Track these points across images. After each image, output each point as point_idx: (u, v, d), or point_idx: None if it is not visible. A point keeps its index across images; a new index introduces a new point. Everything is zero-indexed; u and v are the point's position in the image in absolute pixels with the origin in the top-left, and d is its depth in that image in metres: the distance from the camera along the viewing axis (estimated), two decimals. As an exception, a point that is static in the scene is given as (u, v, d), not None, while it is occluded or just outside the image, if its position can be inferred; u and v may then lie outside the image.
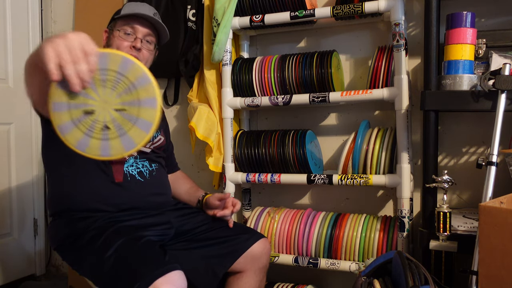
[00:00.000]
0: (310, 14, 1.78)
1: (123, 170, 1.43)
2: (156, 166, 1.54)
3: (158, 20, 1.52)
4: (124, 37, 1.46)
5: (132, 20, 1.48)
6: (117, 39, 1.47)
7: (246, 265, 1.49)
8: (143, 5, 1.55)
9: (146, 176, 1.48)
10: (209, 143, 1.95)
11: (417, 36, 1.86)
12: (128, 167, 1.46)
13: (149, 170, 1.51)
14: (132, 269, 1.20)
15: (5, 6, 2.34)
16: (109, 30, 1.53)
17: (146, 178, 1.48)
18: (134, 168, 1.47)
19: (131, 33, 1.48)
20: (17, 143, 2.39)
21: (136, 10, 1.49)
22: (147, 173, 1.49)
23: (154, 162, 1.54)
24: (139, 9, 1.50)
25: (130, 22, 1.48)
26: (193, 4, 2.09)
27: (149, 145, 1.53)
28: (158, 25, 1.53)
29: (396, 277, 1.28)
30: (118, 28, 1.48)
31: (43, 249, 2.54)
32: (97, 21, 2.39)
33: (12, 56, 2.38)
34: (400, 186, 1.68)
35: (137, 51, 1.46)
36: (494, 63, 1.58)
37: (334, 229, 1.77)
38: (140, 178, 1.47)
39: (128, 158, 1.46)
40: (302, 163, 1.80)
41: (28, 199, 2.46)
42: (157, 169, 1.54)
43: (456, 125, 1.84)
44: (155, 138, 1.56)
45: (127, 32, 1.47)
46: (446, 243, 1.47)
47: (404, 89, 1.67)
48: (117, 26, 1.49)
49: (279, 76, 1.84)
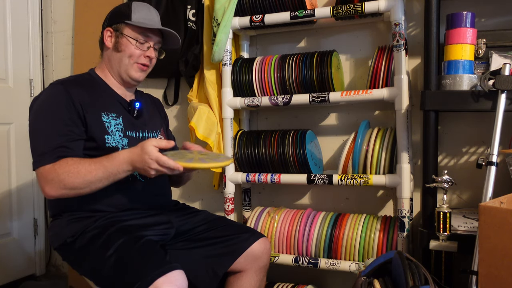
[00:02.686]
0: (310, 14, 1.78)
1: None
2: None
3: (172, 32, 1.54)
4: (139, 46, 1.48)
5: (145, 29, 1.49)
6: (130, 47, 1.48)
7: (246, 265, 1.49)
8: (150, 11, 1.53)
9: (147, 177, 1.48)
10: (209, 143, 1.95)
11: (417, 36, 1.86)
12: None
13: None
14: (133, 269, 1.20)
15: (5, 6, 2.34)
16: (115, 32, 1.49)
17: (147, 178, 1.48)
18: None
19: (144, 42, 1.50)
20: (17, 143, 2.39)
21: (149, 20, 1.50)
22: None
23: None
24: (151, 18, 1.51)
25: (143, 31, 1.49)
26: (193, 4, 2.09)
27: None
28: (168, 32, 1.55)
29: (396, 277, 1.28)
30: (131, 36, 1.48)
31: (43, 249, 2.54)
32: (97, 21, 2.37)
33: (12, 56, 2.38)
34: (400, 186, 1.68)
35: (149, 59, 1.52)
36: (494, 63, 1.58)
37: (334, 229, 1.77)
38: (141, 179, 1.47)
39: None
40: (302, 163, 1.80)
41: (28, 199, 2.46)
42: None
43: (456, 125, 1.84)
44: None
45: (141, 41, 1.49)
46: (446, 243, 1.47)
47: (404, 89, 1.67)
48: (128, 32, 1.48)
49: (279, 76, 1.84)
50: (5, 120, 2.35)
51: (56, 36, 2.59)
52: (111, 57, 1.51)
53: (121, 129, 1.46)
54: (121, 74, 1.51)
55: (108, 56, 1.52)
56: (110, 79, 1.53)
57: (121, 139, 1.44)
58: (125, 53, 1.48)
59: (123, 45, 1.48)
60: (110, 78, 1.53)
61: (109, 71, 1.53)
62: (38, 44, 2.52)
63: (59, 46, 2.58)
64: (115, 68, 1.51)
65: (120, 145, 1.44)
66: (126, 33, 1.48)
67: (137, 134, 1.51)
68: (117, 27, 1.49)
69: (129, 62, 1.49)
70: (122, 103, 1.52)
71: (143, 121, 1.55)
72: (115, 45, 1.49)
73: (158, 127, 1.62)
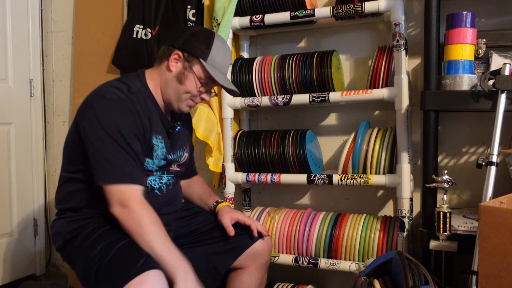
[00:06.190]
0: (310, 14, 1.78)
1: (146, 182, 1.40)
2: (174, 180, 1.52)
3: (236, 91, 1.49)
4: (200, 88, 1.41)
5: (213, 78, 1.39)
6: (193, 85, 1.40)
7: (247, 262, 1.49)
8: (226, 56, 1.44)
9: (164, 191, 1.46)
10: (209, 143, 1.95)
11: (417, 36, 1.86)
12: (151, 180, 1.43)
13: (167, 184, 1.48)
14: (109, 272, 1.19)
15: (5, 6, 2.34)
16: (185, 62, 1.39)
17: (163, 192, 1.46)
18: (158, 182, 1.44)
19: (206, 86, 1.43)
20: (17, 143, 2.40)
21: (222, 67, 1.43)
22: (165, 187, 1.47)
23: (175, 177, 1.53)
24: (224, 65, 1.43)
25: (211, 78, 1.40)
26: (193, 4, 2.09)
27: (176, 165, 1.50)
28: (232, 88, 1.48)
29: (396, 277, 1.28)
30: (199, 76, 1.39)
31: (43, 249, 2.54)
32: (97, 21, 2.39)
33: (12, 56, 2.38)
34: (400, 186, 1.68)
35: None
36: (494, 63, 1.58)
37: (334, 229, 1.77)
38: (158, 192, 1.45)
39: (156, 172, 1.43)
40: (302, 163, 1.80)
41: (28, 199, 2.46)
42: (174, 183, 1.52)
43: (456, 125, 1.84)
44: (181, 157, 1.53)
45: (204, 84, 1.41)
46: (446, 243, 1.47)
47: (404, 89, 1.67)
48: (197, 71, 1.39)
49: (279, 76, 1.84)
50: (5, 120, 2.35)
51: (56, 36, 2.59)
52: (169, 81, 1.41)
53: (164, 153, 1.42)
54: (172, 103, 1.43)
55: (166, 78, 1.41)
56: (158, 95, 1.44)
57: (160, 161, 1.41)
58: (185, 87, 1.40)
59: (187, 79, 1.39)
60: (159, 94, 1.44)
61: (160, 90, 1.43)
62: (38, 44, 2.52)
63: (59, 46, 2.58)
64: (168, 94, 1.42)
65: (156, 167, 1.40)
66: (195, 70, 1.39)
67: (173, 156, 1.48)
68: (189, 58, 1.39)
69: (184, 97, 1.42)
70: (164, 123, 1.45)
71: (176, 139, 1.50)
72: (179, 75, 1.40)
73: (185, 143, 1.57)
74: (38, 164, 2.51)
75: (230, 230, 1.48)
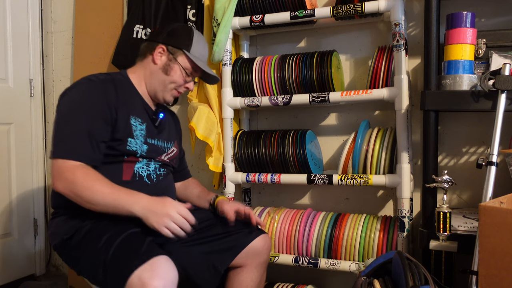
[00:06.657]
0: (310, 14, 1.78)
1: (133, 169, 1.43)
2: (165, 172, 1.54)
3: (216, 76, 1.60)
4: (185, 77, 1.52)
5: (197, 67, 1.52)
6: (179, 75, 1.51)
7: (246, 260, 1.50)
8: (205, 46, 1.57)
9: (154, 180, 1.48)
10: (209, 143, 1.95)
11: (417, 36, 1.86)
12: (139, 168, 1.45)
13: (157, 174, 1.50)
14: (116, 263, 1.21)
15: (5, 6, 2.34)
16: (169, 54, 1.50)
17: (153, 181, 1.48)
18: (145, 170, 1.46)
19: (191, 75, 1.54)
20: (17, 143, 2.39)
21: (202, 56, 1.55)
22: (155, 176, 1.49)
23: (164, 167, 1.54)
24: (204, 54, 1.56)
25: (195, 66, 1.51)
26: (193, 4, 2.09)
27: (164, 156, 1.54)
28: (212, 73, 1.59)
29: (396, 277, 1.28)
30: (184, 66, 1.50)
31: (43, 249, 2.54)
32: (97, 21, 2.39)
33: (12, 56, 2.38)
34: (400, 186, 1.68)
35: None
36: (494, 63, 1.58)
37: (334, 229, 1.77)
38: (148, 181, 1.46)
39: (142, 159, 1.46)
40: (302, 163, 1.80)
41: (28, 199, 2.46)
42: (165, 175, 1.54)
43: (456, 125, 1.84)
44: (168, 149, 1.57)
45: (189, 74, 1.53)
46: (446, 243, 1.47)
47: (404, 89, 1.67)
48: (182, 61, 1.50)
49: (279, 76, 1.84)
50: (5, 120, 2.35)
51: (56, 36, 2.59)
52: (154, 73, 1.51)
53: (144, 135, 1.46)
54: (157, 93, 1.52)
55: (150, 70, 1.51)
56: (142, 87, 1.53)
57: (141, 145, 1.44)
58: (171, 78, 1.50)
59: (173, 70, 1.50)
60: (142, 87, 1.53)
61: (144, 81, 1.53)
62: (38, 44, 2.52)
63: (59, 46, 2.58)
64: (154, 85, 1.51)
65: (140, 150, 1.43)
66: (180, 61, 1.50)
67: (156, 142, 1.51)
68: (173, 51, 1.50)
69: (170, 87, 1.51)
70: (147, 111, 1.52)
71: (161, 131, 1.56)
72: (165, 67, 1.50)
73: (173, 139, 1.62)
74: (38, 164, 2.51)
75: (231, 216, 1.53)
